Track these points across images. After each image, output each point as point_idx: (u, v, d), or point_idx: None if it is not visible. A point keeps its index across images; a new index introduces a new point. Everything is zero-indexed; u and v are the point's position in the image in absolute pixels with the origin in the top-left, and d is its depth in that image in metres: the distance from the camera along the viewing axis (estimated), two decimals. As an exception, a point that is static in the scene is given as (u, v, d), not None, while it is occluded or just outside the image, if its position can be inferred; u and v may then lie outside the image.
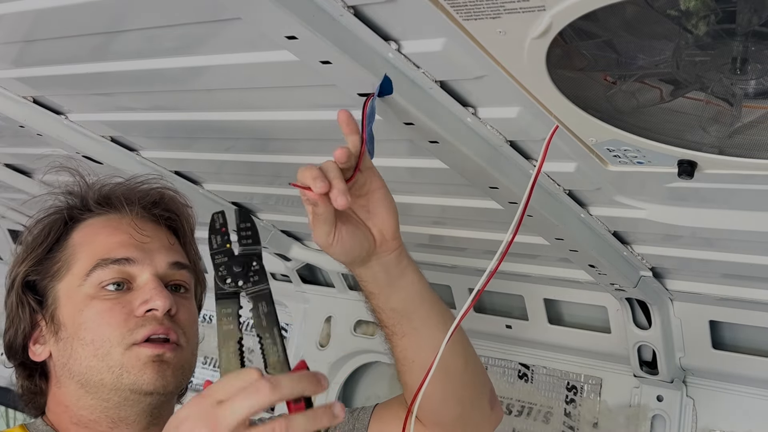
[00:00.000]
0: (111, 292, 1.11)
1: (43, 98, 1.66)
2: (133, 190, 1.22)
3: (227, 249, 0.95)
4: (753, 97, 0.88)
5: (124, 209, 1.18)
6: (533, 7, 0.77)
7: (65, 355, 1.11)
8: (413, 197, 1.67)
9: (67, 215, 1.19)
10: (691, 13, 0.75)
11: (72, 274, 1.13)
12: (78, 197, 1.21)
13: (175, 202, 1.25)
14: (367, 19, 0.98)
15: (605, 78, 0.91)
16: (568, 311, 2.02)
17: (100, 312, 1.10)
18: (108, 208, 1.19)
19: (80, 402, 1.12)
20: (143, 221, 1.18)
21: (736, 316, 1.69)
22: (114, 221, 1.18)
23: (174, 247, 1.21)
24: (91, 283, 1.12)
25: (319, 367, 2.47)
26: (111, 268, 1.12)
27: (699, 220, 1.33)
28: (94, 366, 1.09)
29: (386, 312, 1.11)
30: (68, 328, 1.11)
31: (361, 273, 1.08)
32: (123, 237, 1.15)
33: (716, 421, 1.84)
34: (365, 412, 1.26)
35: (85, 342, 1.09)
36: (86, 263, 1.13)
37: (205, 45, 1.22)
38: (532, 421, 2.09)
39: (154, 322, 1.10)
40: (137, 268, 1.13)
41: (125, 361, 1.08)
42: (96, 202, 1.20)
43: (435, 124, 1.11)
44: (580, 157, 1.18)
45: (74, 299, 1.12)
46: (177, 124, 1.60)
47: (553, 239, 1.46)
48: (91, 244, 1.15)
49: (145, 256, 1.14)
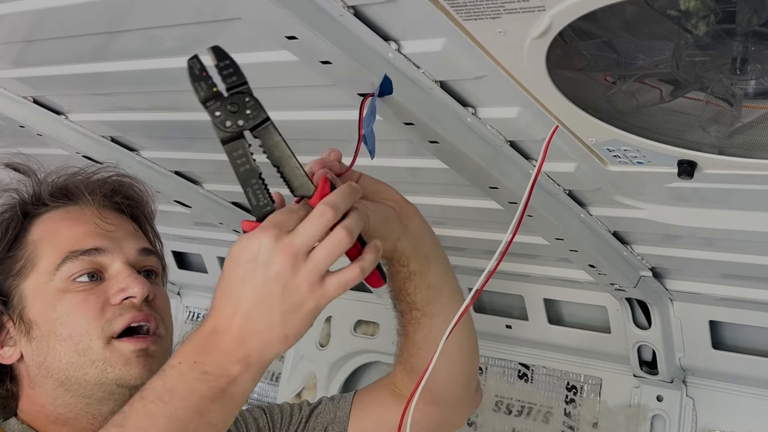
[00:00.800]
0: (83, 284, 1.08)
1: (43, 98, 1.67)
2: (90, 179, 1.19)
3: (215, 93, 0.91)
4: (753, 97, 0.88)
5: (85, 199, 1.15)
6: (533, 7, 0.77)
7: (41, 354, 1.07)
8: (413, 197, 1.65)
9: (21, 211, 1.15)
10: (691, 14, 0.75)
11: (38, 271, 1.10)
12: (30, 192, 1.18)
13: (133, 188, 1.22)
14: (367, 19, 0.98)
15: (605, 78, 0.91)
16: (568, 311, 2.02)
17: (75, 304, 1.06)
18: (65, 200, 1.16)
19: (58, 401, 1.08)
20: (105, 210, 1.15)
21: (736, 316, 1.70)
22: (74, 213, 1.15)
23: (139, 233, 1.18)
24: (61, 277, 1.08)
25: (319, 367, 2.47)
26: (81, 259, 1.09)
27: (699, 220, 1.33)
28: (75, 361, 1.05)
29: (422, 291, 1.11)
30: (41, 326, 1.08)
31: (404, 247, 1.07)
32: (88, 227, 1.12)
33: (716, 421, 1.84)
34: (345, 400, 1.26)
35: (63, 337, 1.06)
36: (53, 258, 1.09)
37: (205, 45, 1.21)
38: (532, 421, 2.09)
39: (132, 309, 1.07)
40: (108, 258, 1.10)
41: (108, 356, 1.05)
42: (51, 195, 1.17)
43: (435, 124, 1.11)
44: (580, 157, 1.18)
45: (44, 296, 1.08)
46: (177, 124, 1.60)
47: (553, 239, 1.46)
48: (54, 238, 1.11)
49: (114, 244, 1.12)
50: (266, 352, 0.85)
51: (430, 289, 1.11)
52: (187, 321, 2.88)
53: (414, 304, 1.12)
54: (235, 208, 2.09)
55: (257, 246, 0.84)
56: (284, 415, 1.26)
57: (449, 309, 1.10)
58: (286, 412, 1.26)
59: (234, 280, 0.85)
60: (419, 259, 1.09)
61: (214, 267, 2.58)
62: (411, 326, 1.13)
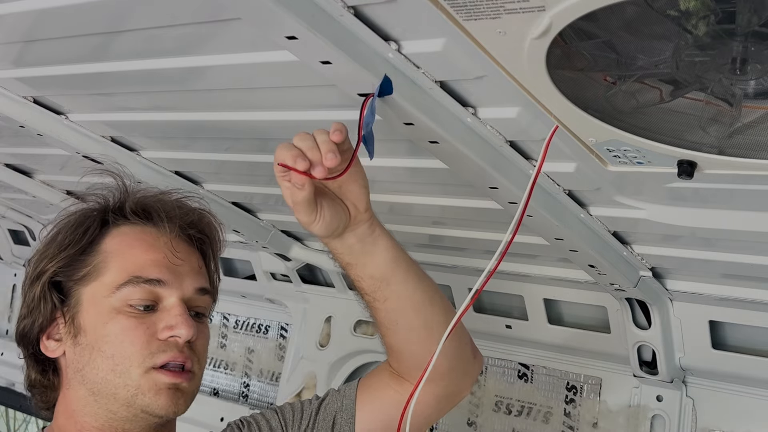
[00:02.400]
0: (137, 311, 1.11)
1: (43, 98, 1.67)
2: (172, 205, 1.20)
3: None
4: (752, 98, 0.88)
5: (163, 225, 1.16)
6: (533, 7, 0.77)
7: (82, 361, 1.11)
8: (413, 197, 1.67)
9: (102, 217, 1.17)
10: (691, 14, 0.75)
11: (100, 283, 1.12)
12: (115, 199, 1.19)
13: (211, 226, 1.24)
14: (367, 19, 0.98)
15: (605, 78, 0.91)
16: (568, 311, 2.02)
17: (125, 329, 1.09)
18: (145, 220, 1.18)
19: (86, 408, 1.12)
20: (178, 241, 1.17)
21: (736, 316, 1.69)
22: (150, 236, 1.16)
23: (201, 271, 1.20)
24: (120, 298, 1.10)
25: (319, 367, 2.47)
26: (142, 287, 1.11)
27: (699, 220, 1.33)
28: (111, 380, 1.09)
29: (365, 280, 1.16)
30: (89, 335, 1.11)
31: (337, 246, 1.13)
32: (158, 256, 1.14)
33: (716, 421, 1.84)
34: (350, 388, 1.29)
35: (106, 355, 1.09)
36: (118, 276, 1.12)
37: (205, 45, 1.22)
38: (532, 421, 2.09)
39: (174, 349, 1.10)
40: (167, 291, 1.12)
41: (142, 383, 1.08)
42: (133, 211, 1.18)
43: (435, 124, 1.11)
44: (580, 157, 1.18)
45: (99, 308, 1.11)
46: (177, 124, 1.60)
47: (553, 239, 1.46)
48: (124, 256, 1.14)
49: (176, 279, 1.14)
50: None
51: (373, 279, 1.16)
52: (187, 321, 2.88)
53: (363, 289, 1.18)
54: (235, 208, 2.10)
55: None
56: (295, 413, 1.29)
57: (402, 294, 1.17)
58: (297, 409, 1.29)
59: None
60: (353, 256, 1.14)
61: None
62: (370, 309, 1.20)
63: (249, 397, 2.74)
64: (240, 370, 2.77)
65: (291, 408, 1.30)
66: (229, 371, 2.79)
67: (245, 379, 2.76)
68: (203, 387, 2.80)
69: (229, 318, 2.82)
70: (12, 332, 3.32)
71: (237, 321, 2.80)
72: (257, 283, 2.58)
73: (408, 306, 1.17)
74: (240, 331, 2.80)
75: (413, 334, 1.19)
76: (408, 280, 1.17)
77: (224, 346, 2.80)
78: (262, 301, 2.67)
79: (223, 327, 2.83)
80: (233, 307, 2.77)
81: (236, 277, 2.64)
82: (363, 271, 1.15)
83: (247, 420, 1.29)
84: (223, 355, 2.81)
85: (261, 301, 2.67)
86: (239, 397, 2.76)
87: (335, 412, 1.27)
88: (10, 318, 3.49)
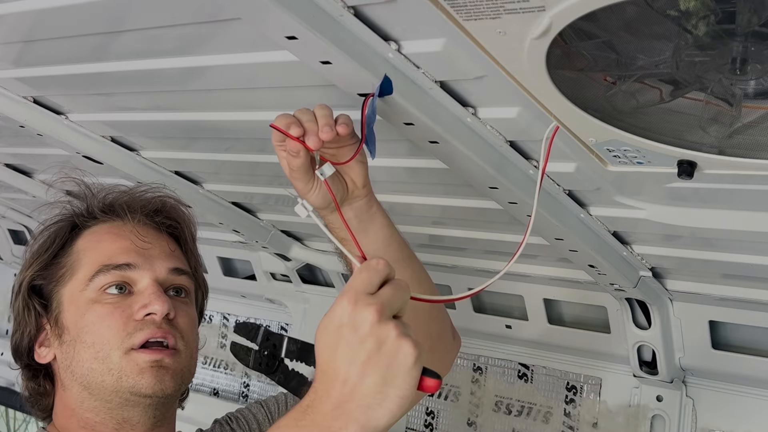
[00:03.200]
0: (112, 296, 1.14)
1: (43, 98, 1.67)
2: (136, 198, 1.26)
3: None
4: (752, 98, 0.88)
5: (127, 217, 1.21)
6: (533, 7, 0.77)
7: (68, 358, 1.14)
8: (413, 197, 1.67)
9: (72, 223, 1.23)
10: (691, 14, 0.75)
11: (76, 279, 1.17)
12: (83, 205, 1.25)
13: (177, 209, 1.29)
14: (367, 20, 0.98)
15: (605, 78, 0.91)
16: (568, 311, 2.02)
17: (101, 316, 1.13)
18: (112, 216, 1.23)
19: (84, 404, 1.14)
20: (145, 228, 1.22)
21: (736, 316, 1.70)
22: (117, 228, 1.21)
23: (175, 253, 1.24)
24: (94, 288, 1.15)
25: (319, 367, 2.47)
26: (112, 273, 1.15)
27: (699, 221, 1.33)
28: (95, 368, 1.11)
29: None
30: (71, 331, 1.14)
31: (333, 219, 1.12)
32: (125, 243, 1.19)
33: (716, 421, 1.84)
34: None
35: (87, 345, 1.12)
36: (89, 268, 1.16)
37: (205, 45, 1.22)
38: (532, 421, 2.09)
39: (152, 326, 1.13)
40: (138, 274, 1.16)
41: (124, 365, 1.10)
42: (100, 209, 1.23)
43: (435, 124, 1.11)
44: (580, 158, 1.18)
45: (77, 303, 1.15)
46: (177, 124, 1.60)
47: (553, 239, 1.46)
48: (95, 250, 1.19)
49: (146, 261, 1.17)
50: (370, 424, 0.79)
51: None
52: (187, 321, 2.88)
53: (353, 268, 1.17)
54: (235, 208, 2.10)
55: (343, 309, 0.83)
56: (279, 405, 1.32)
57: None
58: (281, 401, 1.33)
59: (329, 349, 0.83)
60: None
61: (214, 267, 2.58)
62: None
63: (249, 397, 2.74)
64: (240, 370, 2.77)
65: (275, 400, 1.33)
66: (229, 371, 2.79)
67: (245, 379, 2.76)
68: (203, 387, 2.80)
69: (229, 318, 2.82)
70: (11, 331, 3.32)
71: (237, 321, 2.80)
72: (257, 283, 2.58)
73: None
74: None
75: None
76: (399, 260, 1.17)
77: (224, 346, 2.80)
78: (262, 301, 2.67)
79: (223, 327, 2.83)
80: (233, 307, 2.77)
81: (236, 277, 2.64)
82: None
83: (235, 415, 1.31)
84: (223, 355, 2.81)
85: (261, 301, 2.67)
86: (239, 397, 2.76)
87: None
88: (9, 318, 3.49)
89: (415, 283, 1.19)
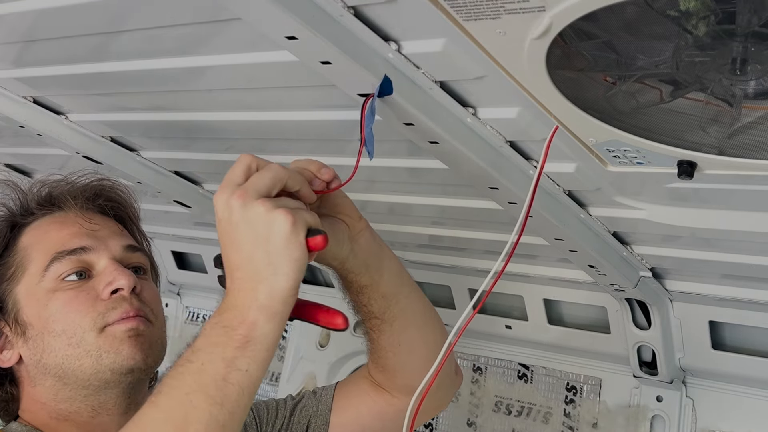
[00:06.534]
0: (72, 282, 1.13)
1: (43, 98, 1.66)
2: (73, 185, 1.25)
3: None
4: (753, 98, 0.88)
5: (69, 204, 1.20)
6: (533, 7, 0.77)
7: (38, 352, 1.12)
8: (413, 197, 1.67)
9: (11, 222, 1.21)
10: (691, 14, 0.75)
11: (29, 274, 1.15)
12: (17, 204, 1.23)
13: (115, 191, 1.28)
14: (367, 20, 0.98)
15: (605, 78, 0.91)
16: (567, 311, 2.02)
17: (66, 302, 1.11)
18: (52, 207, 1.22)
19: (59, 395, 1.13)
20: (89, 213, 1.21)
21: (736, 316, 1.69)
22: (61, 218, 1.20)
23: (124, 232, 1.24)
24: (51, 278, 1.13)
25: (319, 367, 2.47)
26: (68, 259, 1.14)
27: (699, 221, 1.33)
28: (70, 354, 1.10)
29: (377, 301, 1.15)
30: (35, 325, 1.12)
31: (353, 266, 1.12)
32: (73, 229, 1.18)
33: (716, 422, 1.84)
34: (327, 392, 1.30)
35: (56, 333, 1.10)
36: (42, 260, 1.15)
37: (205, 45, 1.22)
38: (532, 421, 2.09)
39: (124, 303, 1.12)
40: (94, 255, 1.16)
41: (101, 343, 1.09)
42: (38, 204, 1.22)
43: (435, 125, 1.11)
44: (580, 158, 1.18)
45: (36, 296, 1.13)
46: (177, 124, 1.60)
47: (553, 239, 1.46)
48: (43, 242, 1.17)
49: (99, 242, 1.17)
50: (273, 291, 0.90)
51: (384, 298, 1.15)
52: (187, 321, 2.88)
53: (372, 313, 1.16)
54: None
55: (218, 205, 0.92)
56: (270, 411, 1.30)
57: (407, 311, 1.17)
58: (272, 407, 1.31)
59: (222, 244, 0.92)
60: (369, 274, 1.13)
61: (213, 267, 2.58)
62: (374, 332, 1.19)
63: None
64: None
65: (266, 406, 1.31)
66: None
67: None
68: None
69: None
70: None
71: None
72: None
73: (411, 324, 1.18)
74: (240, 331, 2.79)
75: (414, 354, 1.19)
76: (411, 296, 1.18)
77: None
78: (262, 301, 2.67)
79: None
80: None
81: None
82: (376, 291, 1.15)
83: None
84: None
85: (261, 301, 2.66)
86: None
87: (310, 416, 1.28)
88: None
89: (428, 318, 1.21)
